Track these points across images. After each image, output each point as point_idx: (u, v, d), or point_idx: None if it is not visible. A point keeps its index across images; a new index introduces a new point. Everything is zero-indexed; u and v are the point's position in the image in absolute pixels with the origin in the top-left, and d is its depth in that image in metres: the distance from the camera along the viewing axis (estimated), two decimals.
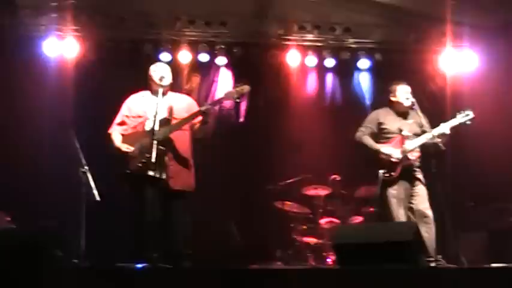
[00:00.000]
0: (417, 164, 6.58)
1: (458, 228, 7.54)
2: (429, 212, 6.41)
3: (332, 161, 8.87)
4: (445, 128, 6.46)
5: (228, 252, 7.69)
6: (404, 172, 6.51)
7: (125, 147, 5.93)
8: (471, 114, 6.50)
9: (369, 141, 6.71)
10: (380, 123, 6.73)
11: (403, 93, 6.68)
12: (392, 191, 6.49)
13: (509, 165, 8.10)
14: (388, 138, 6.66)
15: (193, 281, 4.47)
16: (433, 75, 9.40)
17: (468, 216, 8.11)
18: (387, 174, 6.51)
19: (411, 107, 6.57)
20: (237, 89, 6.04)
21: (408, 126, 6.63)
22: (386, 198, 6.53)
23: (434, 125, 6.55)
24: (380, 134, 6.73)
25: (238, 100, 6.24)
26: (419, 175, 6.57)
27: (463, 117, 6.50)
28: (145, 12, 8.83)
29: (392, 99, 6.78)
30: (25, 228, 5.47)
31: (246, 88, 6.05)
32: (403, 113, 6.72)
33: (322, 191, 8.65)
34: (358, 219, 8.50)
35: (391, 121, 6.71)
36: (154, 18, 8.88)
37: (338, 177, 8.85)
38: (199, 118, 5.98)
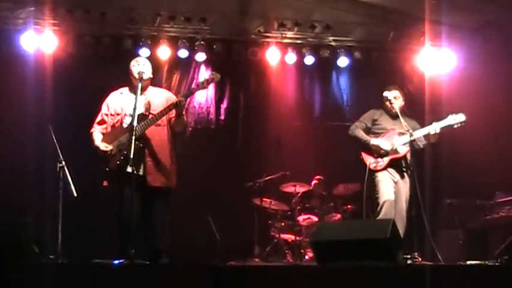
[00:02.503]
0: (406, 159, 6.69)
1: (435, 226, 7.62)
2: (404, 214, 6.55)
3: (311, 159, 8.91)
4: (436, 127, 6.58)
5: (206, 248, 7.67)
6: (392, 165, 6.68)
7: (103, 146, 5.91)
8: (463, 117, 6.61)
9: (360, 133, 6.91)
10: (375, 120, 6.95)
11: (388, 100, 6.85)
12: (378, 176, 6.66)
13: (486, 164, 8.19)
14: (380, 133, 6.86)
15: (171, 277, 4.45)
16: (412, 73, 9.47)
17: (444, 213, 8.18)
18: (375, 164, 6.67)
19: (396, 113, 6.70)
20: (208, 78, 6.04)
21: (401, 126, 6.75)
22: (373, 182, 6.67)
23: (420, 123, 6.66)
24: (373, 130, 6.93)
25: (206, 87, 6.21)
26: (405, 173, 6.69)
27: (455, 119, 6.60)
28: (126, 7, 8.79)
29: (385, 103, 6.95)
30: (2, 224, 5.39)
31: (217, 76, 6.06)
32: (395, 117, 6.86)
33: (301, 188, 8.68)
34: (336, 216, 8.54)
35: (385, 120, 6.93)
36: (134, 14, 8.84)
37: (321, 177, 8.86)
38: (174, 111, 5.96)
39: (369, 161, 6.74)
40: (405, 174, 6.71)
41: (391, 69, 9.36)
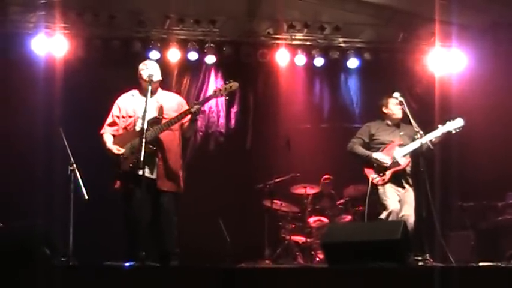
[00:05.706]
0: (408, 170, 6.65)
1: (446, 227, 7.59)
2: (411, 220, 6.48)
3: (321, 160, 8.90)
4: (434, 135, 6.55)
5: (216, 250, 7.68)
6: (395, 178, 6.61)
7: (116, 149, 5.91)
8: (461, 123, 6.57)
9: (360, 149, 6.82)
10: (372, 135, 6.86)
11: (394, 105, 6.79)
12: (382, 189, 6.58)
13: (497, 164, 8.15)
14: (379, 148, 6.76)
15: (181, 279, 4.46)
16: (422, 74, 9.44)
17: (456, 215, 8.15)
18: (378, 179, 6.61)
19: (403, 117, 6.66)
20: (226, 86, 6.02)
21: (399, 137, 6.73)
22: (376, 196, 6.60)
23: (424, 126, 6.59)
24: (371, 145, 6.84)
25: (227, 97, 6.24)
26: (410, 181, 6.66)
27: (453, 125, 6.56)
28: (135, 10, 8.82)
29: (385, 111, 6.89)
30: (13, 226, 5.43)
31: (234, 85, 6.04)
32: (395, 124, 6.84)
33: (311, 190, 8.66)
34: (347, 218, 8.53)
35: (382, 133, 6.83)
36: (144, 16, 8.86)
37: (330, 177, 8.85)
38: (188, 117, 5.96)
39: (372, 176, 6.66)
40: (407, 185, 6.65)
41: (401, 70, 9.33)
